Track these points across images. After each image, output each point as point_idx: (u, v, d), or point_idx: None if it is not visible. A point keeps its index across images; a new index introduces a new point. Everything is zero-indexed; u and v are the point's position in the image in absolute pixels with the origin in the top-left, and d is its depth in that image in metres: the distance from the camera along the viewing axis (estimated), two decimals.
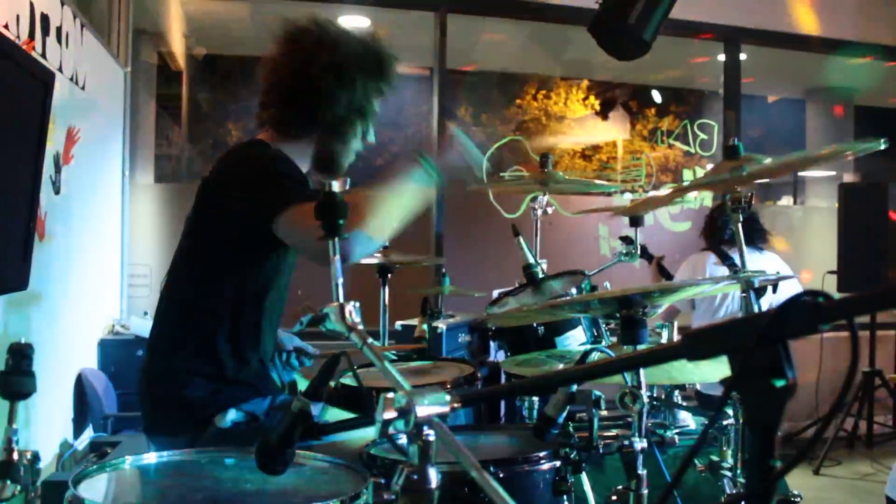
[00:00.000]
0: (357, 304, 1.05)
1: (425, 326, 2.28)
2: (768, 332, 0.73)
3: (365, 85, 1.99)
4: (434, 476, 0.95)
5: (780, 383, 0.73)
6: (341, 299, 1.06)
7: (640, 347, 1.44)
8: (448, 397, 0.94)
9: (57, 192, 3.20)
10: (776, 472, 0.75)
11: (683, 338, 0.79)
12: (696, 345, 0.78)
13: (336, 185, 1.09)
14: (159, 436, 1.98)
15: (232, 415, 1.93)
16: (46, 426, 3.16)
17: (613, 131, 8.58)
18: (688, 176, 6.37)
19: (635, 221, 2.49)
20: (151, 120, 5.42)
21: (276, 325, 2.14)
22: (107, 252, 4.28)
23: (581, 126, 8.46)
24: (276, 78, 2.02)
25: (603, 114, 8.54)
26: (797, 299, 0.73)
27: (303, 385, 2.37)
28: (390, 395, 0.92)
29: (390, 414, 0.92)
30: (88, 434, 3.57)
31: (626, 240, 2.53)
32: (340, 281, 1.08)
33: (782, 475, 0.74)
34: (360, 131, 2.06)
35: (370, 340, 1.03)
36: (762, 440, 0.76)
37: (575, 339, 2.24)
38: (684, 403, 2.17)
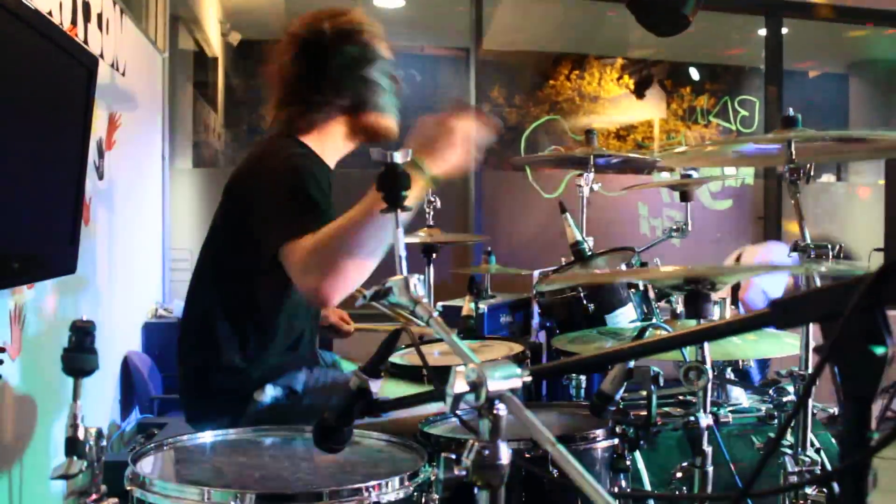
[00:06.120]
0: (422, 278, 1.03)
1: (472, 305, 2.26)
2: (867, 298, 0.69)
3: (356, 54, 1.95)
4: (506, 451, 0.93)
5: (879, 350, 0.70)
6: (405, 272, 1.04)
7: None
8: (519, 370, 0.92)
9: (101, 177, 3.23)
10: (874, 443, 0.72)
11: (772, 304, 0.75)
12: (788, 312, 0.75)
13: (398, 157, 1.07)
14: (202, 423, 1.96)
15: (270, 390, 1.92)
16: (94, 408, 3.20)
17: (649, 110, 8.46)
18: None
19: (685, 196, 2.45)
20: (189, 106, 5.45)
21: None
22: (148, 236, 4.32)
23: (616, 106, 8.35)
24: (282, 78, 2.00)
25: (638, 93, 8.42)
26: None
27: (347, 366, 2.36)
28: (461, 367, 0.90)
29: (461, 387, 0.90)
30: (135, 416, 3.63)
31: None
32: (403, 254, 1.06)
33: (882, 446, 0.71)
34: (374, 93, 1.99)
35: (435, 314, 1.01)
36: (858, 411, 0.73)
37: (625, 317, 2.21)
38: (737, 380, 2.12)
